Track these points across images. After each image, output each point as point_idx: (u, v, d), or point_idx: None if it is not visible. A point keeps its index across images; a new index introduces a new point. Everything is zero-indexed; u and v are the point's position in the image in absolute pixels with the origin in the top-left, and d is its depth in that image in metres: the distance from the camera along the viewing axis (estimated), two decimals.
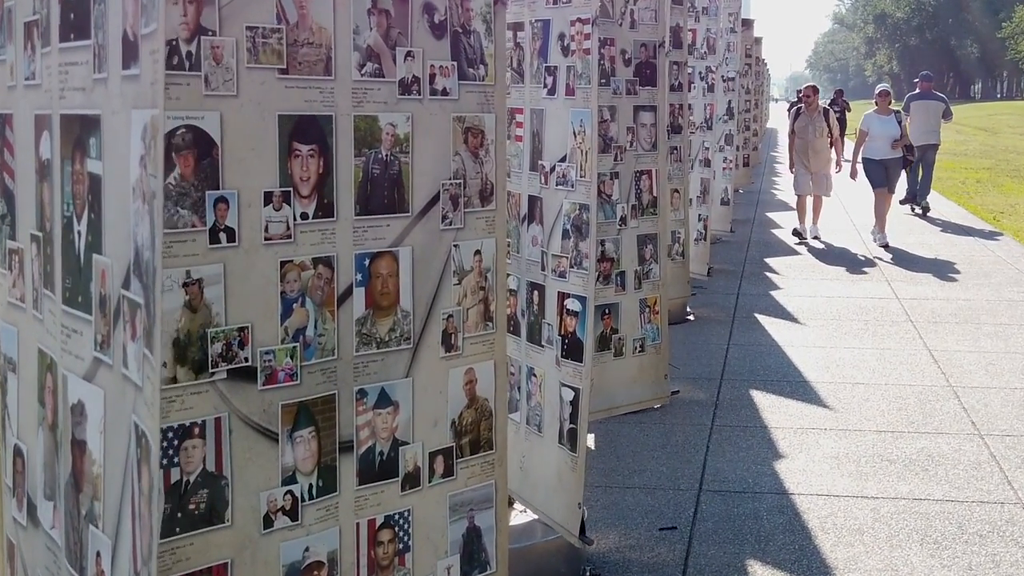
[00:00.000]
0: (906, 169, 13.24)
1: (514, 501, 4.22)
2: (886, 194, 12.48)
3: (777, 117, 45.70)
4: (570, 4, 3.97)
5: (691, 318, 8.59)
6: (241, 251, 2.12)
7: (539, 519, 4.12)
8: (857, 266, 11.19)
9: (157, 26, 1.79)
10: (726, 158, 11.45)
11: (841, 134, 14.05)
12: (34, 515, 2.46)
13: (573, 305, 4.00)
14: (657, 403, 6.08)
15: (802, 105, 12.93)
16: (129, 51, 1.91)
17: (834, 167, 12.77)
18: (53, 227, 2.24)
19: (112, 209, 2.00)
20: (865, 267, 11.13)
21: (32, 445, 2.45)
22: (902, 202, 14.95)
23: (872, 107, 12.88)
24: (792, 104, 18.26)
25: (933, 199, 16.04)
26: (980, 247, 12.47)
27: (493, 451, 2.67)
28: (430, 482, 2.53)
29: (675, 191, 7.26)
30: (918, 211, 15.27)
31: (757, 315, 8.79)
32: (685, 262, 7.90)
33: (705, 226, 9.82)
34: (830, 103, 21.56)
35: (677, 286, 7.79)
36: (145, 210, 1.83)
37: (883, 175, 12.38)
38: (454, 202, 2.52)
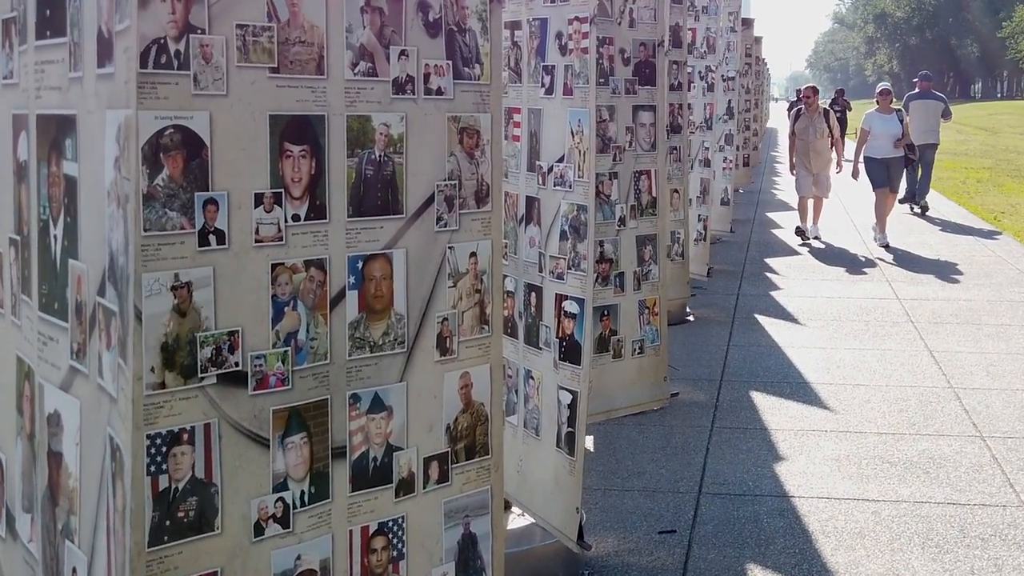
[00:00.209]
0: (907, 168, 13.21)
1: (512, 505, 4.18)
2: (887, 194, 12.45)
3: (777, 117, 45.68)
4: (568, 3, 3.92)
5: (691, 319, 8.56)
6: (231, 254, 2.08)
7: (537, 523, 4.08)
8: (857, 266, 11.16)
9: (131, 22, 1.74)
10: (726, 158, 11.41)
11: (842, 134, 14.01)
12: (12, 527, 2.41)
13: (571, 307, 3.96)
14: (656, 405, 6.05)
15: (802, 106, 12.90)
16: (104, 49, 1.86)
17: (834, 167, 12.73)
18: (30, 231, 2.20)
19: (88, 213, 1.95)
20: (865, 267, 11.10)
21: (11, 455, 2.41)
22: (901, 201, 14.92)
23: (873, 106, 12.85)
24: (791, 104, 18.23)
25: (933, 199, 16.01)
26: (981, 247, 12.43)
27: (489, 456, 2.63)
28: (424, 488, 2.49)
29: (675, 191, 7.23)
30: (917, 210, 15.26)
31: (757, 316, 8.75)
32: (685, 263, 7.87)
33: (705, 226, 9.79)
34: (831, 103, 21.54)
35: (677, 287, 7.76)
36: (120, 214, 1.78)
37: (884, 174, 12.34)
38: (449, 203, 2.48)
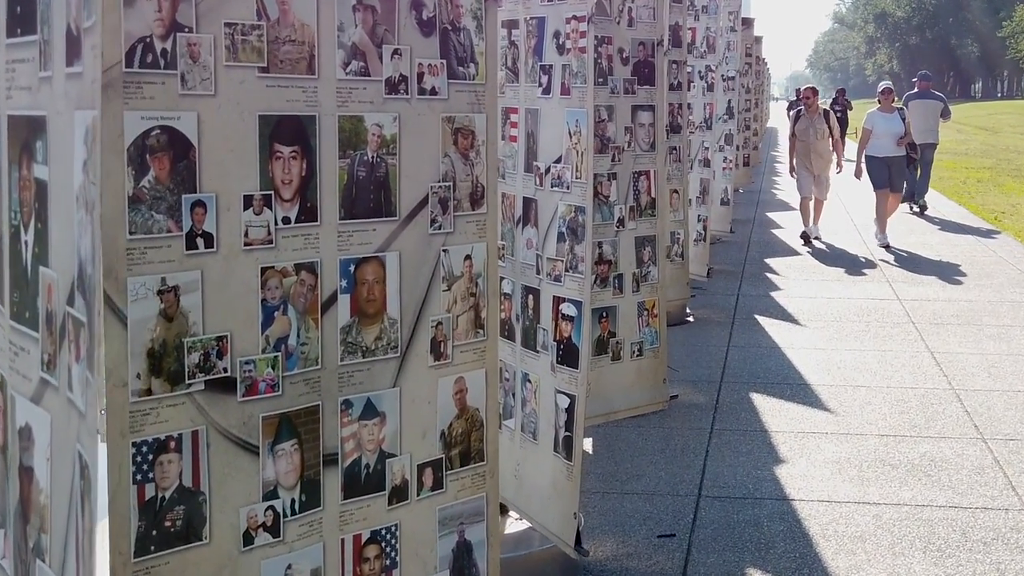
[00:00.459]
0: (908, 168, 13.16)
1: (509, 509, 4.14)
2: (888, 194, 12.40)
3: (777, 116, 45.64)
4: (565, 2, 3.88)
5: (690, 320, 8.51)
6: (219, 257, 2.04)
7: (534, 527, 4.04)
8: (858, 267, 11.11)
9: (97, 18, 1.69)
10: (726, 158, 11.37)
11: (843, 133, 13.96)
12: None
13: (568, 310, 3.92)
14: (656, 407, 6.00)
15: (802, 107, 12.85)
16: (73, 47, 1.80)
17: (835, 168, 12.68)
18: (1, 236, 2.14)
19: (58, 219, 1.90)
20: (866, 268, 11.05)
21: None
22: (900, 201, 14.89)
23: (874, 105, 12.80)
24: (791, 104, 18.20)
25: (934, 199, 15.97)
26: (981, 247, 12.39)
27: (484, 463, 2.59)
28: (418, 495, 2.45)
29: (674, 191, 7.19)
30: (915, 209, 15.21)
31: (757, 317, 8.71)
32: (684, 263, 7.83)
33: (705, 227, 9.75)
34: (832, 102, 21.52)
35: (676, 287, 7.72)
36: (88, 220, 1.73)
37: (886, 174, 12.29)
38: (443, 205, 2.44)
